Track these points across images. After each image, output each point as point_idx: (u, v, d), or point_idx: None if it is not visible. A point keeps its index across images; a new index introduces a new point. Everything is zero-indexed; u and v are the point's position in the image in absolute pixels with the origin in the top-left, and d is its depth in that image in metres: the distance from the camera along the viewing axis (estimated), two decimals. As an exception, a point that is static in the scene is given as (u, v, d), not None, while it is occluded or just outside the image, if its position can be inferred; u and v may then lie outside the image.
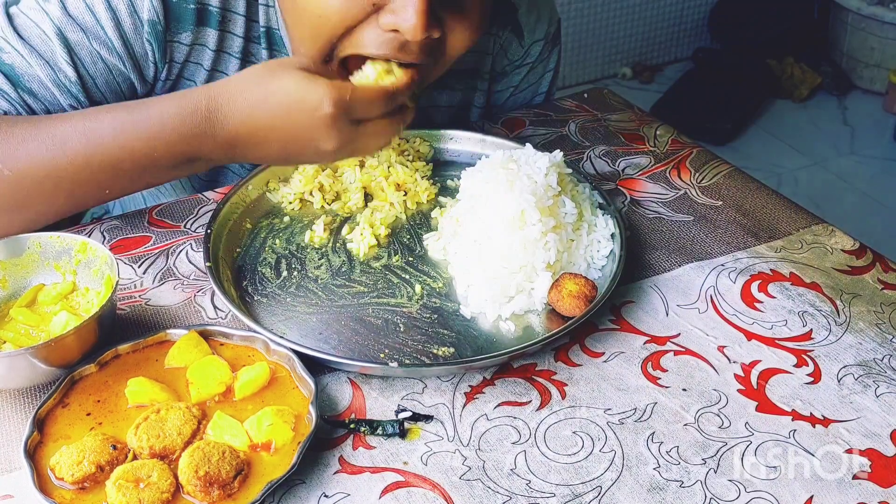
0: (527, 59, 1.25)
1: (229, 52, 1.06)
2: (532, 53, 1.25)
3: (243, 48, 1.07)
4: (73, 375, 0.80)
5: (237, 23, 1.05)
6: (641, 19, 3.66)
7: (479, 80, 1.23)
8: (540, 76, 1.29)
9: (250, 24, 1.06)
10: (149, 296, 0.93)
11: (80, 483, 0.71)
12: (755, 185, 1.12)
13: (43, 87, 0.98)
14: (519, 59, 1.25)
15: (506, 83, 1.27)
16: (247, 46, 1.07)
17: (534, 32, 1.24)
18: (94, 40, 0.98)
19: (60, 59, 0.97)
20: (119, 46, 1.00)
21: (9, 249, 0.88)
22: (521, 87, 1.28)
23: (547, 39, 1.26)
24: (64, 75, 0.98)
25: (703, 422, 0.81)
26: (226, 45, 1.06)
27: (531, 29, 1.23)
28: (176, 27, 1.02)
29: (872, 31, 3.44)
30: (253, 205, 1.05)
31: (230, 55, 1.07)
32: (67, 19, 0.97)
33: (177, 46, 1.03)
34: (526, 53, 1.25)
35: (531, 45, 1.24)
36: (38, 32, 0.97)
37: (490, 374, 0.85)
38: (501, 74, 1.26)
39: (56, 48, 0.97)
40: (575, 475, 0.76)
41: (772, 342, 0.89)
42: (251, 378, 0.80)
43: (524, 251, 0.91)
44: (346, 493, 0.74)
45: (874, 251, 1.01)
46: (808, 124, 3.44)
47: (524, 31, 1.23)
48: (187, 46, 1.04)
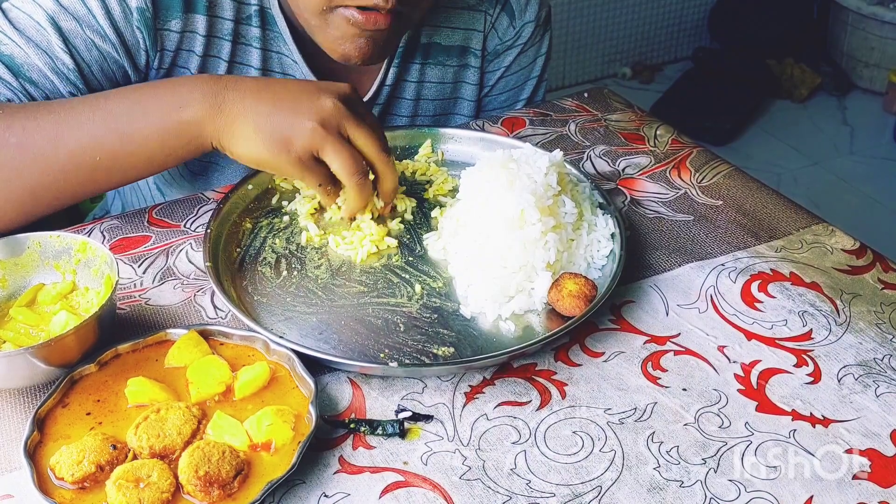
0: (518, 40, 1.27)
1: (219, 35, 1.08)
2: (523, 35, 1.27)
3: (233, 30, 1.09)
4: (73, 375, 0.80)
5: (225, 6, 1.07)
6: (641, 19, 3.66)
7: (472, 56, 1.25)
8: (532, 60, 1.31)
9: (240, 7, 1.08)
10: (149, 295, 0.93)
11: (80, 483, 0.71)
12: (755, 185, 1.12)
13: (42, 75, 1.00)
14: (510, 40, 1.26)
15: (497, 63, 1.28)
16: (237, 28, 1.09)
17: (524, 13, 1.25)
18: (87, 28, 1.00)
19: (56, 47, 0.99)
20: (111, 34, 1.02)
21: (9, 249, 0.88)
22: (513, 68, 1.29)
23: (538, 22, 1.27)
24: (62, 63, 1.00)
25: (703, 422, 0.81)
26: (215, 30, 1.08)
27: (522, 9, 1.25)
28: (165, 15, 1.04)
29: (872, 31, 3.44)
30: (253, 205, 1.05)
31: (221, 38, 1.09)
32: (60, 9, 1.00)
33: (167, 34, 1.05)
34: (517, 34, 1.26)
35: (522, 27, 1.26)
36: (33, 23, 0.99)
37: (490, 374, 0.85)
38: (493, 54, 1.27)
39: (51, 37, 0.99)
40: (575, 475, 0.76)
41: (772, 342, 0.89)
42: (251, 378, 0.80)
43: (524, 251, 0.91)
44: (346, 493, 0.74)
45: (874, 251, 1.01)
46: (808, 124, 3.44)
47: (515, 11, 1.24)
48: (178, 34, 1.06)
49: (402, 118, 1.25)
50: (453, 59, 1.24)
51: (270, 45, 1.11)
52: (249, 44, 1.11)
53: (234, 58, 1.11)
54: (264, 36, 1.11)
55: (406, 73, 1.22)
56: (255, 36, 1.10)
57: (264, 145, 0.92)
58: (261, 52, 1.11)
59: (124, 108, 0.94)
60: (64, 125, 0.92)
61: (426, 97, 1.25)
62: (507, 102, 1.32)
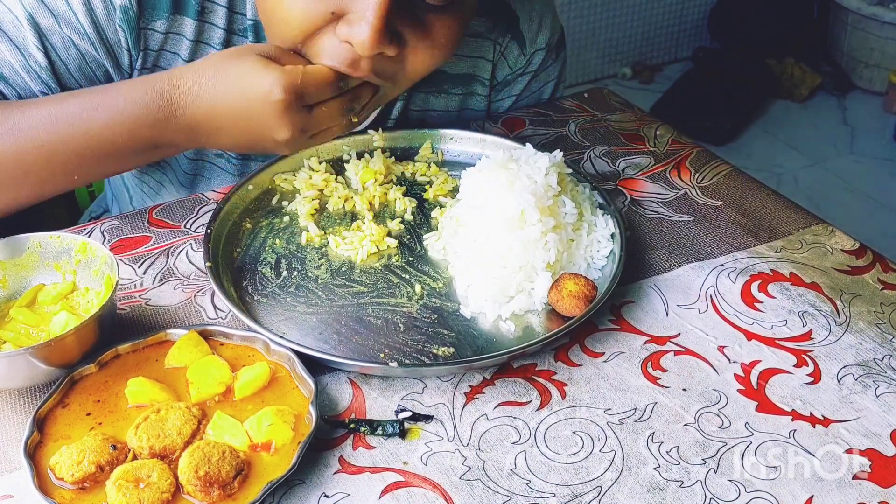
0: (529, 67, 1.24)
1: (209, 42, 1.06)
2: (534, 62, 1.24)
3: (225, 40, 1.06)
4: (73, 375, 0.80)
5: (218, 14, 1.05)
6: (641, 19, 3.66)
7: (479, 85, 1.22)
8: (542, 84, 1.28)
9: (233, 16, 1.06)
10: (149, 296, 0.93)
11: (80, 483, 0.71)
12: (755, 185, 1.12)
13: (14, 72, 0.99)
14: (521, 68, 1.24)
15: (507, 91, 1.26)
16: (229, 38, 1.06)
17: (535, 41, 1.22)
18: (66, 26, 0.99)
19: (31, 44, 0.98)
20: (91, 32, 1.00)
21: (9, 249, 0.88)
22: (524, 95, 1.27)
23: (549, 48, 1.24)
24: (34, 61, 0.99)
25: (703, 422, 0.81)
26: (205, 36, 1.05)
27: (532, 38, 1.22)
28: (150, 14, 1.02)
29: (872, 31, 3.44)
30: (253, 205, 1.05)
31: (210, 46, 1.06)
32: (39, 5, 0.98)
33: (151, 34, 1.03)
34: (528, 62, 1.23)
35: (533, 54, 1.23)
36: (11, 18, 0.98)
37: (490, 374, 0.85)
38: (503, 84, 1.25)
39: (27, 34, 0.98)
40: (575, 475, 0.76)
41: (772, 342, 0.89)
42: (251, 378, 0.80)
43: (524, 251, 0.91)
44: (346, 493, 0.74)
45: (874, 251, 1.01)
46: (808, 124, 3.44)
47: (526, 40, 1.21)
48: (162, 34, 1.03)
49: None
50: (458, 87, 1.21)
51: None
52: None
53: None
54: None
55: (411, 103, 1.19)
56: None
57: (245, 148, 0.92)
58: None
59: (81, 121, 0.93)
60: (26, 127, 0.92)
61: (431, 125, 1.22)
62: None
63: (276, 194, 1.06)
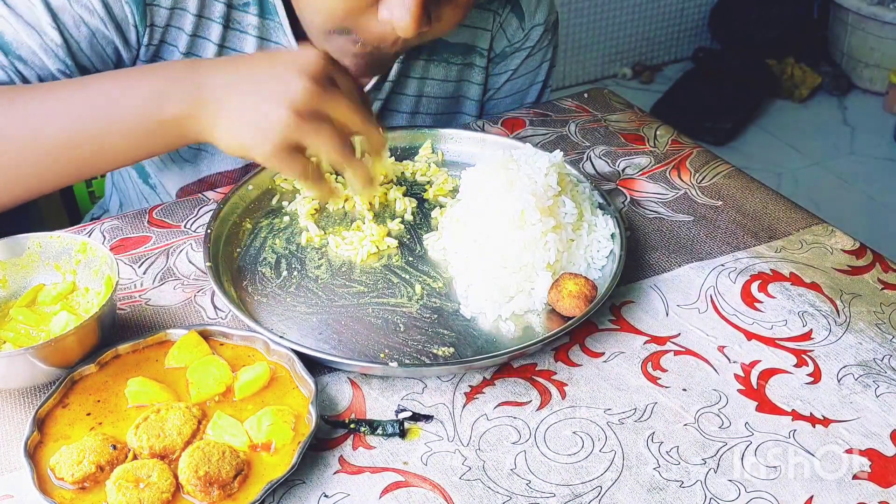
0: (526, 42, 1.26)
1: (210, 17, 1.07)
2: (532, 37, 1.26)
3: (226, 14, 1.07)
4: (73, 375, 0.80)
5: None
6: (641, 19, 3.66)
7: (477, 56, 1.24)
8: (538, 64, 1.30)
9: None
10: (149, 296, 0.93)
11: (80, 483, 0.71)
12: (755, 185, 1.12)
13: (32, 53, 0.99)
14: (518, 42, 1.26)
15: (504, 66, 1.28)
16: (230, 13, 1.08)
17: (534, 16, 1.25)
18: (76, 4, 1.00)
19: (46, 23, 0.99)
20: (100, 9, 1.01)
21: (9, 249, 0.88)
22: (520, 72, 1.29)
23: (547, 26, 1.27)
24: (50, 39, 0.99)
25: (703, 422, 0.81)
26: (207, 11, 1.07)
27: (531, 12, 1.24)
28: None
29: (872, 31, 3.44)
30: (253, 205, 1.05)
31: (211, 20, 1.07)
32: None
33: (157, 10, 1.04)
34: (526, 37, 1.26)
35: (531, 29, 1.25)
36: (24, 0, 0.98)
37: (490, 374, 0.85)
38: (500, 56, 1.26)
39: (41, 14, 0.98)
40: (575, 475, 0.76)
41: (772, 342, 0.89)
42: (251, 378, 0.80)
43: (524, 251, 0.91)
44: (346, 493, 0.74)
45: (874, 251, 1.01)
46: (808, 124, 3.44)
47: (525, 13, 1.24)
48: (167, 10, 1.05)
49: (403, 115, 1.24)
50: (458, 56, 1.23)
51: (269, 35, 1.10)
52: (245, 31, 1.09)
53: (226, 42, 1.09)
54: (262, 25, 1.09)
55: (409, 69, 1.20)
56: (252, 24, 1.09)
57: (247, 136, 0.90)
58: (257, 40, 1.10)
59: (102, 103, 0.93)
60: (43, 113, 0.92)
61: (429, 94, 1.24)
62: (511, 106, 1.31)
63: (276, 194, 1.06)
